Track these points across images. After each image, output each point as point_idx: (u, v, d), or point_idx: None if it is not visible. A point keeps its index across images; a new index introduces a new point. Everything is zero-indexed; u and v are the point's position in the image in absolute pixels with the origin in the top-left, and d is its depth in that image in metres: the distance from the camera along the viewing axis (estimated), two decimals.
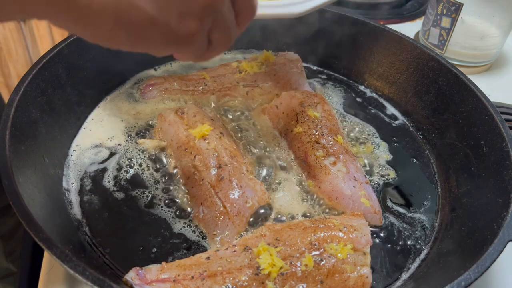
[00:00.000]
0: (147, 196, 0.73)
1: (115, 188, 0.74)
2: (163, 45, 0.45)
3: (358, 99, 0.99)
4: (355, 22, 1.00)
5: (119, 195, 0.73)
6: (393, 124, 0.94)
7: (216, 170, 0.71)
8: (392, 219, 0.75)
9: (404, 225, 0.75)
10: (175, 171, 0.77)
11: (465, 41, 1.12)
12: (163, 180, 0.76)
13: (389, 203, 0.78)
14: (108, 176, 0.76)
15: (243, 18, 0.51)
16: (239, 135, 0.85)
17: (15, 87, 0.70)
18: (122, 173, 0.76)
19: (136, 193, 0.74)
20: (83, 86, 0.84)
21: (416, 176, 0.83)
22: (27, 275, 0.74)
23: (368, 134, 0.90)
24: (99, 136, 0.82)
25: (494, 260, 0.58)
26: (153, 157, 0.79)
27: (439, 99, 0.89)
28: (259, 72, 0.93)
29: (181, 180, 0.75)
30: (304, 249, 0.62)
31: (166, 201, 0.73)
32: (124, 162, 0.78)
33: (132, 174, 0.76)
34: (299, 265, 0.61)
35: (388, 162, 0.84)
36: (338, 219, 0.69)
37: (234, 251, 0.63)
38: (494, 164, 0.73)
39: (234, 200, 0.69)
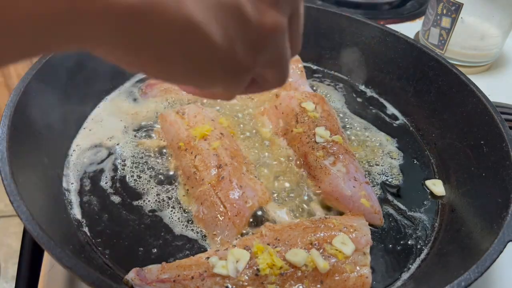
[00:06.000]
0: (147, 196, 0.73)
1: (113, 190, 0.74)
2: (219, 76, 0.37)
3: (359, 99, 0.99)
4: (355, 22, 1.00)
5: (119, 195, 0.73)
6: (394, 124, 0.94)
7: (216, 170, 0.71)
8: (392, 218, 0.75)
9: (404, 225, 0.75)
10: (175, 171, 0.77)
11: (465, 41, 1.12)
12: (163, 180, 0.76)
13: (389, 203, 0.78)
14: (107, 176, 0.76)
15: (293, 52, 0.42)
16: (239, 135, 0.85)
17: (15, 87, 0.70)
18: (121, 173, 0.76)
19: (136, 193, 0.74)
20: (83, 86, 0.84)
21: (416, 176, 0.83)
22: (27, 275, 0.73)
23: (368, 134, 0.90)
24: (99, 136, 0.82)
25: (494, 260, 0.58)
26: (153, 157, 0.79)
27: (439, 99, 0.89)
28: None
29: (181, 180, 0.75)
30: (304, 249, 0.62)
31: (166, 202, 0.73)
32: (124, 162, 0.78)
33: (132, 174, 0.76)
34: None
35: (388, 162, 0.84)
36: (338, 219, 0.69)
37: None
38: (494, 164, 0.73)
39: (234, 200, 0.69)
